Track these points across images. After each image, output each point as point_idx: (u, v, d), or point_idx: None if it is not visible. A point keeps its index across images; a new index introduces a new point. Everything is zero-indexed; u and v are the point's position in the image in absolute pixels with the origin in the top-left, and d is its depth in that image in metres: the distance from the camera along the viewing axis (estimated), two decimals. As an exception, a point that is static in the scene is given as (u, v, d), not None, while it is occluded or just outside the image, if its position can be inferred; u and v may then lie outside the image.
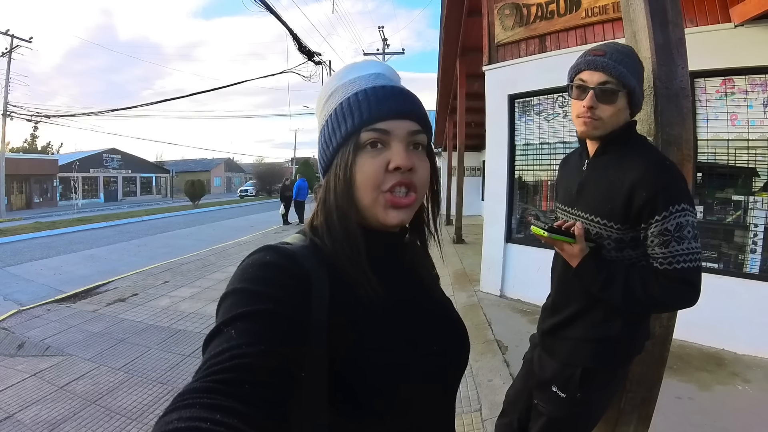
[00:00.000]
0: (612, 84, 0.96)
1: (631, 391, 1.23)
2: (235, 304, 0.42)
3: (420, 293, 0.59)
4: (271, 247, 0.48)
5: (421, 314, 0.56)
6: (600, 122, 0.99)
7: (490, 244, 4.47)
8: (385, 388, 0.47)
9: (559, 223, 1.04)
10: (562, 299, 1.12)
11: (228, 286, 0.45)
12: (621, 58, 0.96)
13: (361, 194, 0.51)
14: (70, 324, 3.90)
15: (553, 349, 1.12)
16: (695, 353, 2.83)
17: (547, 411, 1.11)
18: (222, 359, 0.36)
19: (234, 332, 0.39)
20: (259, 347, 0.38)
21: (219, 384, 0.34)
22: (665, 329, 1.20)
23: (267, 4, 7.28)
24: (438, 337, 0.56)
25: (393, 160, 0.50)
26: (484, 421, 2.17)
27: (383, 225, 0.52)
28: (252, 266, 0.46)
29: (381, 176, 0.50)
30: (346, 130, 0.51)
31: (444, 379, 0.56)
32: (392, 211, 0.51)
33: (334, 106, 0.53)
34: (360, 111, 0.50)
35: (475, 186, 12.47)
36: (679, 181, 0.93)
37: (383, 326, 0.50)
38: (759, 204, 2.89)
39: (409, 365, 0.50)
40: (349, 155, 0.50)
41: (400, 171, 0.50)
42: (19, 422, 2.29)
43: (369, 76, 0.54)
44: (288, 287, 0.44)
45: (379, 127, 0.50)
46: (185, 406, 0.32)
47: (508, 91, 4.25)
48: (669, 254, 0.90)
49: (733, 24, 2.82)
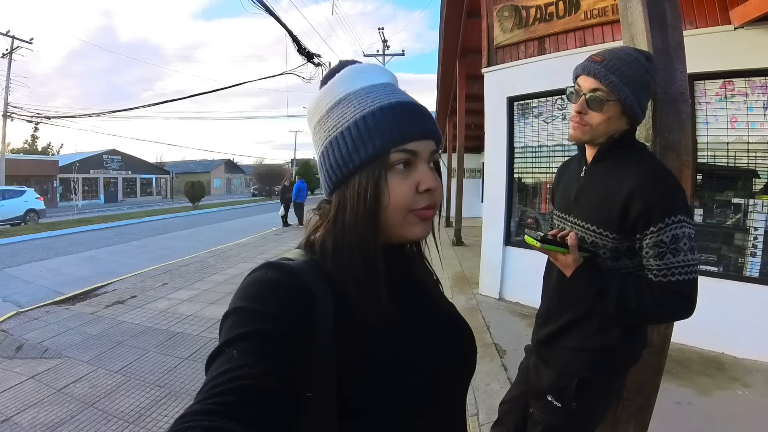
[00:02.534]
0: (602, 92, 0.95)
1: (628, 400, 1.22)
2: (236, 323, 0.41)
3: (426, 303, 0.59)
4: (272, 264, 0.48)
5: (429, 325, 0.56)
6: (588, 128, 0.99)
7: (489, 246, 4.45)
8: (397, 406, 0.46)
9: (553, 233, 1.03)
10: (557, 307, 1.11)
11: (230, 305, 0.44)
12: (618, 66, 0.94)
13: (390, 215, 0.50)
14: (68, 326, 3.89)
15: (549, 359, 1.11)
16: (695, 357, 2.81)
17: (542, 420, 1.11)
18: (223, 380, 0.35)
19: (236, 353, 0.38)
20: (261, 368, 0.37)
21: (220, 406, 0.33)
22: (663, 337, 1.19)
23: (266, 6, 7.28)
24: (447, 345, 0.56)
25: (423, 182, 0.50)
26: (481, 425, 2.16)
27: (406, 240, 0.53)
28: (253, 284, 0.45)
29: (413, 197, 0.50)
30: (374, 149, 0.48)
31: (455, 386, 0.55)
32: (420, 225, 0.52)
33: (350, 119, 0.50)
34: (390, 130, 0.49)
35: (475, 187, 12.44)
36: (677, 192, 0.92)
37: (392, 341, 0.50)
38: (759, 207, 2.88)
39: (421, 378, 0.49)
40: (380, 176, 0.48)
41: (429, 192, 0.50)
42: (17, 425, 2.28)
43: (384, 88, 0.52)
44: (290, 306, 0.43)
45: (409, 148, 0.49)
46: (186, 429, 0.31)
47: (507, 93, 4.24)
48: (664, 266, 0.89)
49: (733, 26, 2.81)
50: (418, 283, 0.59)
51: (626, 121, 0.99)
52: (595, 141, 1.02)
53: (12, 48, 18.14)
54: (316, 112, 0.54)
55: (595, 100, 0.96)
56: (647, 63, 0.97)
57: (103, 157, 29.34)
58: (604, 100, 0.95)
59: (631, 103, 0.95)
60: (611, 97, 0.95)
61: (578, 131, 1.01)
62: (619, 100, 0.95)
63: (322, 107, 0.53)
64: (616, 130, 1.00)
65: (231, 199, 33.17)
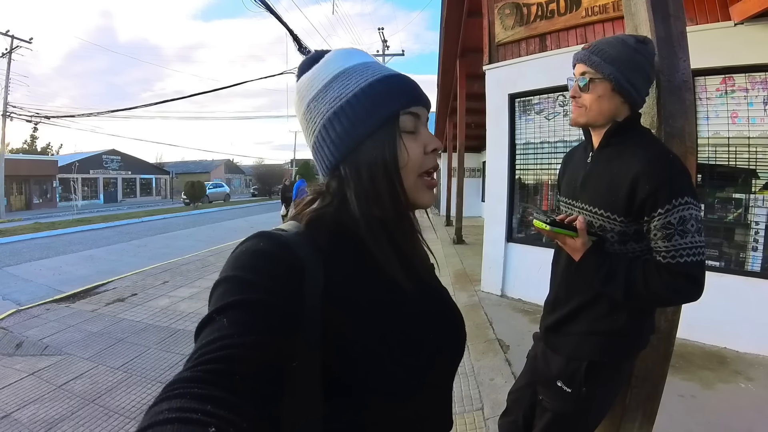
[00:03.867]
0: (589, 73, 1.01)
1: (636, 387, 1.22)
2: (227, 292, 0.41)
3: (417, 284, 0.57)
4: (264, 234, 0.47)
5: (418, 305, 0.55)
6: (583, 109, 1.04)
7: (491, 243, 4.46)
8: (381, 383, 0.46)
9: (562, 217, 1.03)
10: (565, 293, 1.11)
11: (221, 273, 0.44)
12: (600, 47, 1.00)
13: (406, 175, 0.51)
14: (68, 323, 3.88)
15: (557, 345, 1.11)
16: (697, 352, 2.81)
17: (552, 406, 1.10)
18: (213, 348, 0.36)
19: (225, 321, 0.38)
20: (250, 337, 0.37)
21: (209, 374, 0.33)
22: (670, 323, 1.19)
23: (267, 5, 7.28)
24: (437, 327, 0.56)
25: (429, 143, 0.53)
26: (486, 419, 2.15)
27: (417, 206, 0.55)
28: (245, 253, 0.45)
29: (423, 158, 0.53)
30: (387, 110, 0.50)
31: (442, 369, 0.55)
32: (429, 193, 0.54)
33: (354, 88, 0.50)
34: (398, 94, 0.51)
35: (475, 187, 12.46)
36: (683, 174, 0.92)
37: (382, 318, 0.49)
38: (760, 202, 2.89)
39: (407, 358, 0.49)
40: (395, 136, 0.50)
41: (434, 153, 0.53)
42: (17, 421, 2.28)
43: (377, 65, 0.54)
44: (280, 276, 0.43)
45: (415, 112, 0.52)
46: (175, 396, 0.31)
47: (509, 91, 4.25)
48: (672, 248, 0.89)
49: (733, 22, 2.82)
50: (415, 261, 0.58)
51: (621, 101, 1.00)
52: (594, 123, 1.04)
53: (11, 47, 18.12)
54: (308, 91, 0.53)
55: (584, 82, 1.01)
56: (636, 44, 0.99)
57: (102, 158, 29.27)
58: (592, 79, 1.00)
59: (617, 80, 0.97)
60: (596, 76, 0.99)
61: (575, 113, 1.07)
62: (605, 77, 0.98)
63: (316, 84, 0.52)
64: (612, 110, 1.01)
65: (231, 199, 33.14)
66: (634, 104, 1.02)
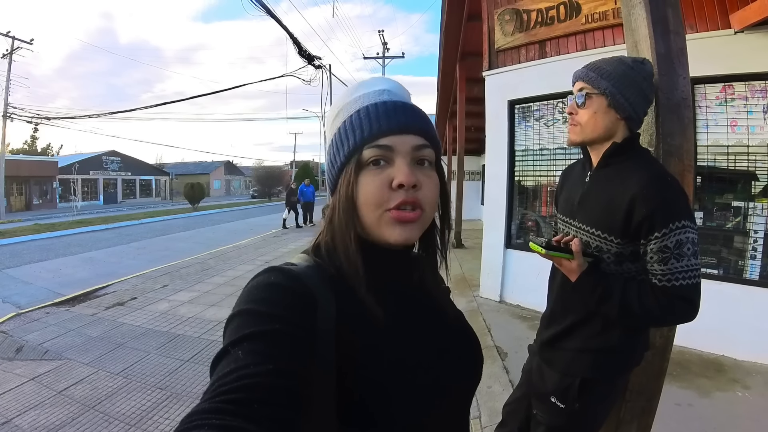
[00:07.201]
0: (585, 89, 1.03)
1: (630, 401, 1.22)
2: (241, 325, 0.42)
3: (431, 311, 0.58)
4: (275, 269, 0.48)
5: (433, 332, 0.56)
6: (579, 128, 1.06)
7: (490, 249, 4.46)
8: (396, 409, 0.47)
9: (557, 239, 1.04)
10: (561, 310, 1.12)
11: (234, 308, 0.45)
12: (598, 65, 1.02)
13: (364, 213, 0.50)
14: (68, 328, 3.89)
15: (552, 360, 1.12)
16: (695, 359, 2.82)
17: (546, 421, 1.11)
18: (230, 380, 0.36)
19: (241, 353, 0.39)
20: (267, 366, 0.38)
21: (228, 404, 0.34)
22: (665, 340, 1.20)
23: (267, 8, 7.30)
24: (451, 353, 0.55)
25: (396, 177, 0.48)
26: (483, 428, 2.16)
27: (388, 243, 0.50)
28: (257, 288, 0.46)
29: (384, 194, 0.49)
30: (348, 148, 0.51)
31: (457, 394, 0.55)
32: (398, 228, 0.49)
33: (338, 125, 0.53)
34: (362, 128, 0.50)
35: (475, 190, 12.47)
36: (680, 197, 0.92)
37: (393, 346, 0.50)
38: (759, 210, 2.90)
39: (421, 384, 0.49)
40: (351, 174, 0.50)
41: (404, 188, 0.48)
42: (18, 427, 2.28)
43: (374, 93, 0.53)
44: (293, 307, 0.44)
45: (382, 144, 0.49)
46: (194, 428, 0.32)
47: (508, 97, 4.26)
48: (668, 271, 0.90)
49: (733, 30, 2.83)
50: (423, 291, 0.58)
51: (617, 117, 1.01)
52: (590, 140, 1.05)
53: (12, 48, 18.14)
54: (327, 127, 0.58)
55: (581, 98, 1.03)
56: (633, 63, 1.01)
57: (102, 159, 29.31)
58: (589, 95, 1.02)
59: (612, 94, 0.98)
60: (592, 91, 1.01)
61: (571, 132, 1.08)
62: (600, 92, 1.00)
63: (329, 121, 0.57)
64: (608, 127, 1.01)
65: (230, 200, 33.14)
66: (630, 121, 1.01)
